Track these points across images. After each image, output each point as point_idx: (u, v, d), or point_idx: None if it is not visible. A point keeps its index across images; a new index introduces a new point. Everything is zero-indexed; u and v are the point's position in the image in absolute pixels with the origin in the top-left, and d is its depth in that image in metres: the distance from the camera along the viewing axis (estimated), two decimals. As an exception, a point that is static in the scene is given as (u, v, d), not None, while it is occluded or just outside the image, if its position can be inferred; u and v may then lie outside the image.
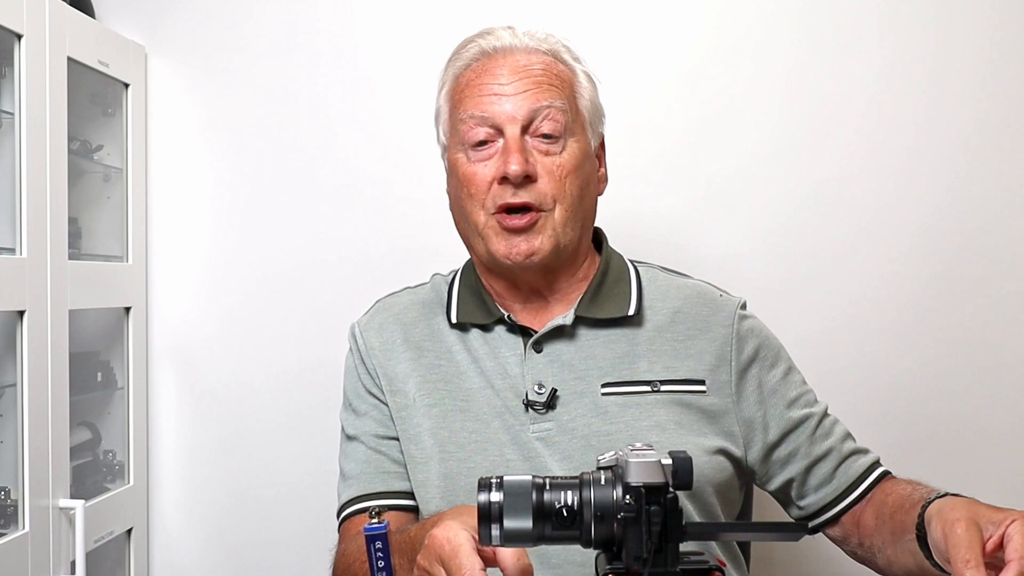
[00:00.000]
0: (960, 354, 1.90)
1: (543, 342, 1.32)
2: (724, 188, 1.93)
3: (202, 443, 2.06)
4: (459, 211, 1.33)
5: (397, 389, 1.36)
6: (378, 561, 1.04)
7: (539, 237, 1.27)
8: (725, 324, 1.34)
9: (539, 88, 1.29)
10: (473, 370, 1.33)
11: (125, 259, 1.99)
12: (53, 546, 1.65)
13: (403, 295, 1.46)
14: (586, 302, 1.33)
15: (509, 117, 1.27)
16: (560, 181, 1.28)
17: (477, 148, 1.29)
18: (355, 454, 1.38)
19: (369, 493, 1.34)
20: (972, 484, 1.88)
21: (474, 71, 1.32)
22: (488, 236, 1.29)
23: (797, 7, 1.91)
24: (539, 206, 1.27)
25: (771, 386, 1.34)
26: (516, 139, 1.27)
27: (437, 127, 1.38)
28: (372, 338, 1.39)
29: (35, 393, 1.62)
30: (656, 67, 1.94)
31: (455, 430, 1.31)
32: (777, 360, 1.36)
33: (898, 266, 1.90)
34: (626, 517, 0.85)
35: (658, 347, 1.32)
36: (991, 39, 1.88)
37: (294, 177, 2.02)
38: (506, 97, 1.28)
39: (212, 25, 2.03)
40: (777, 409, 1.33)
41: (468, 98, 1.30)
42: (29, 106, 1.62)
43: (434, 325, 1.38)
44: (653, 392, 1.29)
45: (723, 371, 1.32)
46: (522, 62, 1.30)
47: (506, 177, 1.25)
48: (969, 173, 1.89)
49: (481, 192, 1.28)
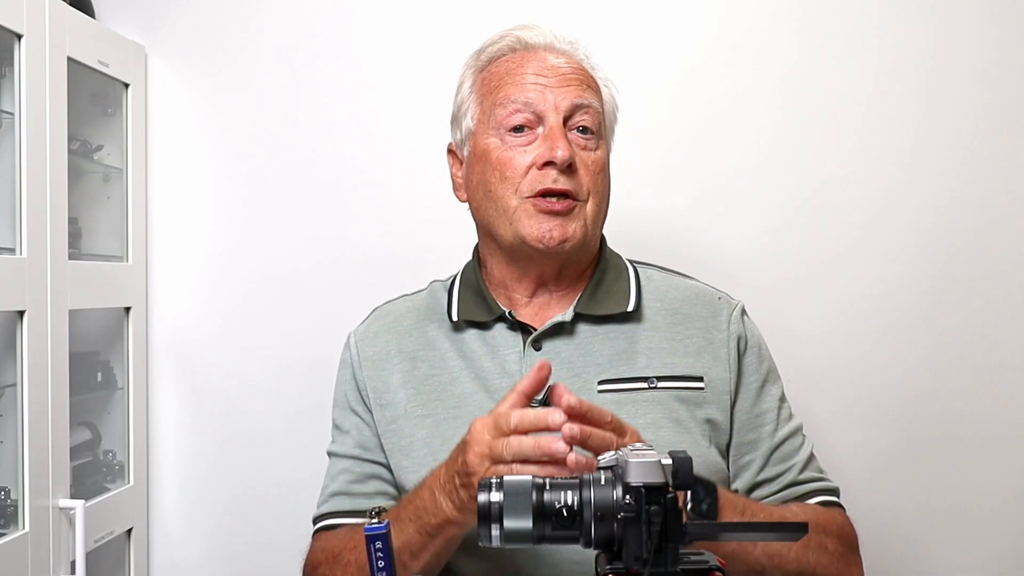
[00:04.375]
0: (961, 354, 1.89)
1: (542, 339, 1.32)
2: (725, 188, 1.93)
3: (202, 443, 2.06)
4: (485, 195, 1.32)
5: (387, 402, 1.36)
6: (378, 561, 1.04)
7: (573, 224, 1.28)
8: (723, 328, 1.34)
9: (579, 86, 1.32)
10: (466, 375, 1.33)
11: (125, 259, 1.99)
12: (53, 546, 1.65)
13: (399, 303, 1.46)
14: (585, 299, 1.34)
15: (552, 106, 1.29)
16: (595, 176, 1.31)
17: (514, 134, 1.30)
18: (332, 469, 1.40)
19: (338, 511, 1.35)
20: (972, 484, 1.89)
21: (513, 60, 1.34)
22: (520, 219, 1.28)
23: (798, 8, 1.91)
24: (576, 195, 1.29)
25: (757, 397, 1.34)
26: (560, 127, 1.28)
27: (461, 114, 1.37)
28: (367, 348, 1.40)
29: (35, 393, 1.62)
30: (657, 68, 1.94)
31: (447, 438, 1.29)
32: (768, 373, 1.36)
33: (899, 266, 1.90)
34: (626, 517, 0.85)
35: (656, 343, 1.32)
36: (991, 39, 1.88)
37: (294, 177, 2.02)
38: (549, 89, 1.30)
39: (212, 25, 2.03)
40: (754, 421, 1.33)
41: (508, 84, 1.31)
42: (29, 106, 1.62)
43: (429, 333, 1.38)
44: (650, 388, 1.30)
45: (720, 371, 1.32)
46: (562, 60, 1.33)
47: (550, 162, 1.26)
48: (970, 173, 1.88)
49: (516, 176, 1.28)
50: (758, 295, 1.40)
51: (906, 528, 1.90)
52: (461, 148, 1.38)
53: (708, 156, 1.93)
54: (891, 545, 1.89)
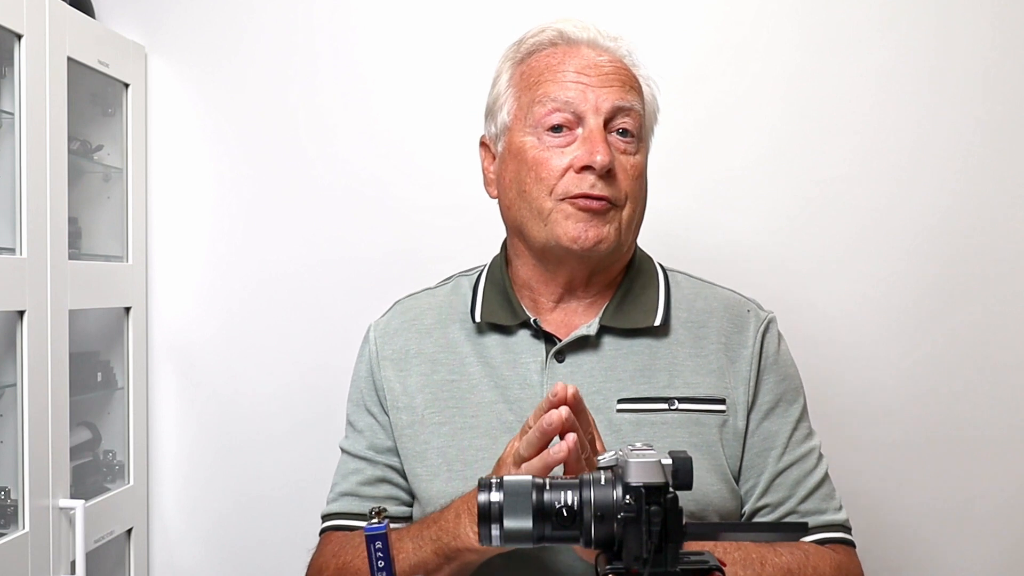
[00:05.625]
0: (962, 354, 1.89)
1: (566, 352, 1.29)
2: (727, 189, 1.92)
3: (202, 443, 2.06)
4: (519, 194, 1.27)
5: (404, 405, 1.32)
6: (378, 561, 1.04)
7: (608, 226, 1.24)
8: (748, 344, 1.29)
9: (622, 87, 1.27)
10: (486, 383, 1.29)
11: (125, 259, 1.99)
12: (53, 546, 1.65)
13: (422, 298, 1.41)
14: (611, 310, 1.30)
15: (593, 107, 1.24)
16: (633, 181, 1.26)
17: (552, 133, 1.25)
18: (343, 467, 1.37)
19: (347, 512, 1.33)
20: (972, 484, 1.89)
21: (553, 55, 1.28)
22: (556, 220, 1.23)
23: (800, 8, 1.91)
24: (614, 202, 1.24)
25: (766, 418, 1.28)
26: (600, 130, 1.24)
27: (497, 108, 1.32)
28: (385, 346, 1.36)
29: (35, 393, 1.62)
30: (659, 68, 1.93)
31: (463, 447, 1.28)
32: (786, 393, 1.31)
33: (900, 266, 1.90)
34: (626, 517, 0.85)
35: (680, 359, 1.28)
36: (992, 39, 1.88)
37: (294, 177, 2.02)
38: (591, 88, 1.25)
39: (212, 25, 2.03)
40: (762, 444, 1.28)
41: (548, 81, 1.26)
42: (29, 106, 1.62)
43: (450, 334, 1.34)
44: (670, 410, 1.25)
45: (742, 392, 1.28)
46: (605, 58, 1.28)
47: (588, 167, 1.22)
48: (972, 174, 1.88)
49: (552, 178, 1.24)
50: (757, 295, 1.40)
51: (907, 528, 1.90)
52: (495, 143, 1.32)
53: (708, 157, 1.93)
54: (892, 545, 1.89)
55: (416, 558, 1.17)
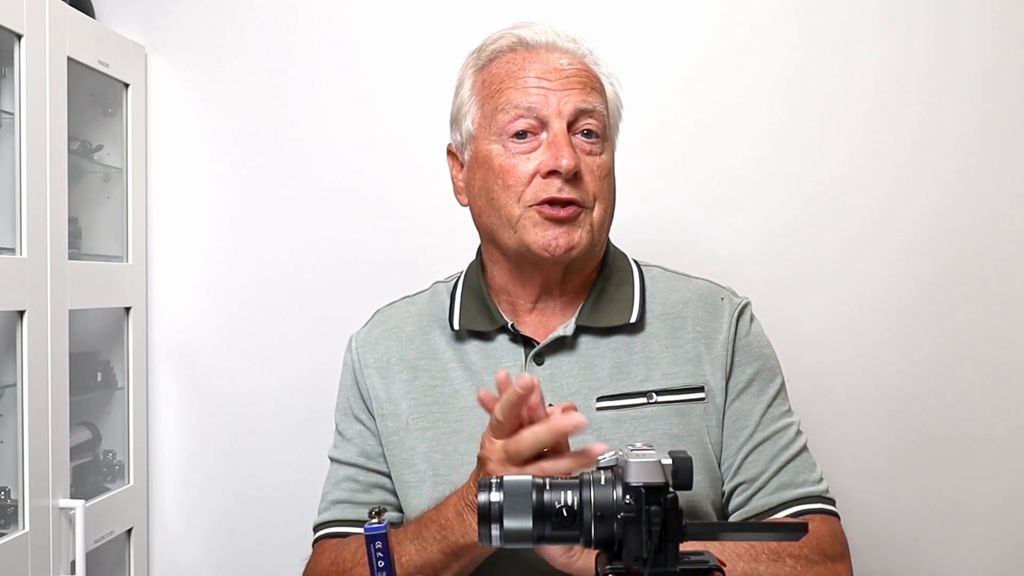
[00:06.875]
0: (962, 354, 1.89)
1: (544, 354, 1.29)
2: (727, 188, 1.92)
3: (202, 443, 2.06)
4: (488, 202, 1.28)
5: (389, 412, 1.34)
6: (378, 561, 1.04)
7: (578, 231, 1.25)
8: (723, 329, 1.30)
9: (584, 88, 1.27)
10: (468, 388, 1.30)
11: (125, 259, 1.99)
12: (53, 546, 1.65)
13: (401, 306, 1.42)
14: (587, 310, 1.31)
15: (556, 111, 1.25)
16: (600, 181, 1.27)
17: (516, 140, 1.26)
18: (334, 475, 1.37)
19: (341, 519, 1.33)
20: (972, 484, 1.89)
21: (513, 61, 1.29)
22: (525, 227, 1.24)
23: (800, 8, 1.91)
24: (582, 203, 1.25)
25: (738, 398, 1.29)
26: (564, 133, 1.24)
27: (461, 116, 1.32)
28: (367, 355, 1.37)
29: (35, 393, 1.62)
30: (659, 68, 1.94)
31: (448, 452, 1.29)
32: (760, 372, 1.31)
33: (900, 266, 1.90)
34: (626, 517, 0.85)
35: (656, 352, 1.29)
36: (992, 39, 1.88)
37: (294, 177, 2.02)
38: (552, 92, 1.25)
39: (212, 25, 2.03)
40: (735, 424, 1.28)
41: (510, 88, 1.27)
42: (29, 106, 1.62)
43: (431, 340, 1.35)
44: (649, 404, 1.26)
45: (719, 378, 1.28)
46: (565, 60, 1.28)
47: (554, 171, 1.22)
48: (972, 174, 1.88)
49: (519, 184, 1.24)
50: (758, 295, 1.39)
51: (906, 528, 1.90)
52: (462, 151, 1.34)
53: (708, 157, 1.93)
54: (891, 545, 1.89)
55: (421, 559, 1.17)
